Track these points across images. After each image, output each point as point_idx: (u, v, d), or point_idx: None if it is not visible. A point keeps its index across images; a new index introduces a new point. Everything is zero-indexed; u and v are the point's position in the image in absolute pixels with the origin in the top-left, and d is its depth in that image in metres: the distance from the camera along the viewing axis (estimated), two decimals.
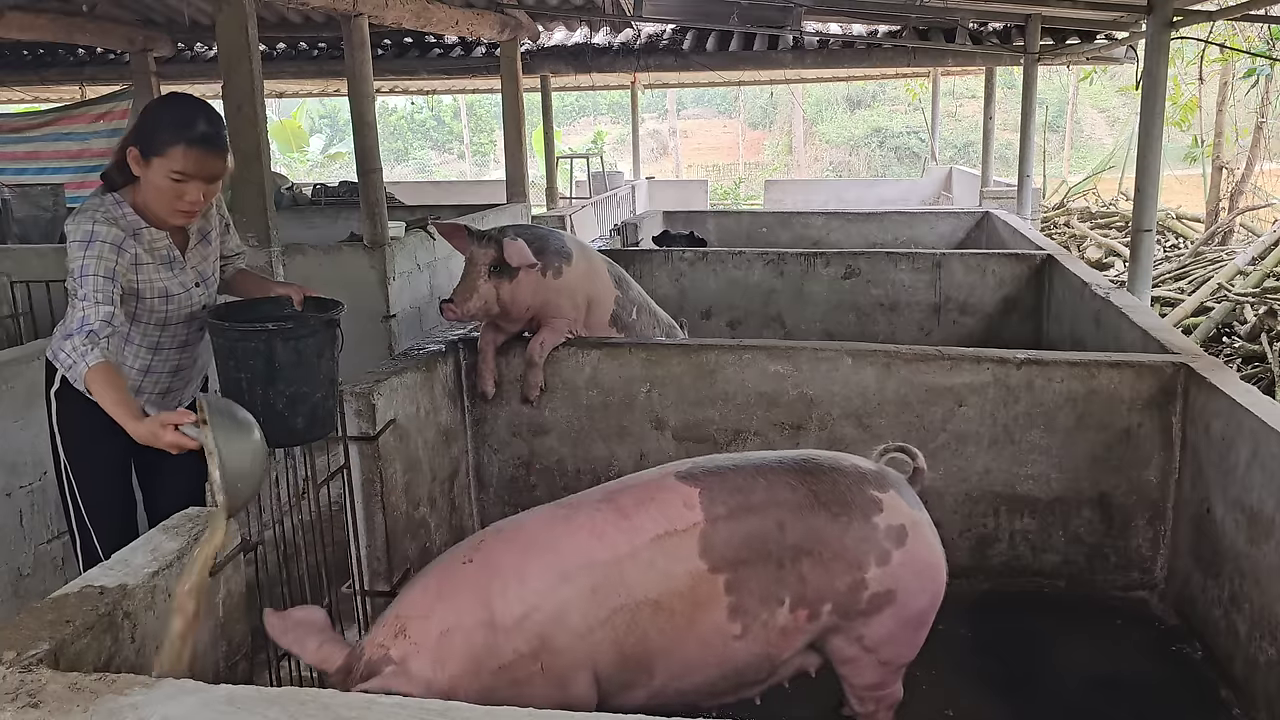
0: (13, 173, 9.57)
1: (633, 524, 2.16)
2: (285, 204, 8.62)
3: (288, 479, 2.69)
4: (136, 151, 2.37)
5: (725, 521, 2.17)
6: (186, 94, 2.58)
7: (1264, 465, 2.64)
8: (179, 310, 2.56)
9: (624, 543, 2.14)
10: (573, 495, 2.39)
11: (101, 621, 1.58)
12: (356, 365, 3.32)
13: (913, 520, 2.28)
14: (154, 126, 2.38)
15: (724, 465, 2.31)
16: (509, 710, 1.28)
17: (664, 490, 2.23)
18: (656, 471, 2.36)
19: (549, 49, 10.07)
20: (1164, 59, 4.52)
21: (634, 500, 2.22)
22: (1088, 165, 19.81)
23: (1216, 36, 9.36)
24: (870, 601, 2.22)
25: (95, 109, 9.97)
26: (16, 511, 3.17)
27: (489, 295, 3.29)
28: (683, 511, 2.18)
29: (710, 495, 2.21)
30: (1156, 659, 3.01)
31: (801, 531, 2.19)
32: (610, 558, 2.12)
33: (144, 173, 2.38)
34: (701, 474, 2.27)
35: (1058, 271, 5.32)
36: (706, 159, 27.48)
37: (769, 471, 2.27)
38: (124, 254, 2.38)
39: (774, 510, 2.20)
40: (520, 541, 2.18)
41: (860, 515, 2.22)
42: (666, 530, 2.15)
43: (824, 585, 2.19)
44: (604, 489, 2.34)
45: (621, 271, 3.90)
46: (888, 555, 2.22)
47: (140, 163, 2.37)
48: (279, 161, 22.05)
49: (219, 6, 4.31)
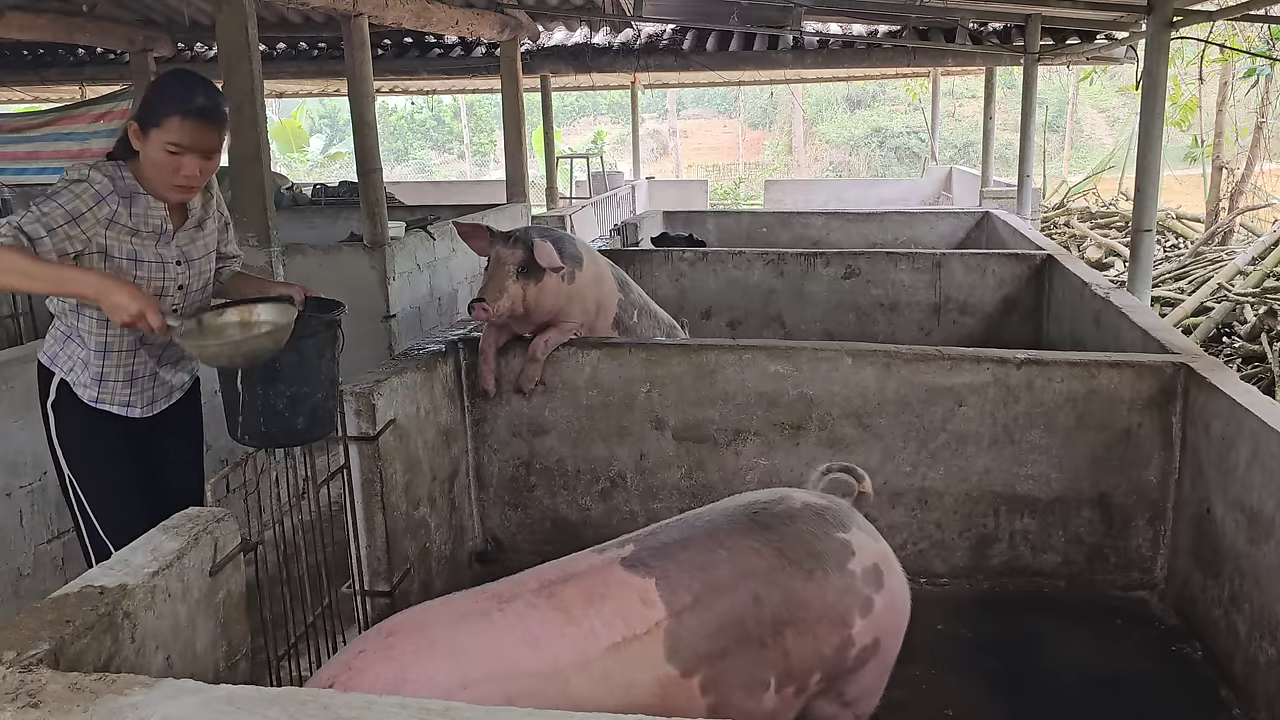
0: (13, 173, 9.57)
1: (581, 630, 1.81)
2: (285, 204, 8.62)
3: (288, 479, 2.69)
4: (136, 125, 2.38)
5: (693, 612, 1.87)
6: (188, 70, 2.59)
7: (1264, 465, 2.64)
8: (149, 280, 2.48)
9: (568, 650, 1.79)
10: (504, 580, 1.99)
11: (101, 621, 1.58)
12: (356, 365, 3.32)
13: (882, 555, 2.09)
14: (153, 99, 2.40)
15: (672, 540, 1.99)
16: (509, 710, 1.28)
17: (614, 584, 1.89)
18: (600, 557, 2.00)
19: (549, 49, 10.07)
20: (1164, 59, 4.52)
21: (581, 597, 1.86)
22: (1088, 165, 19.82)
23: (1216, 36, 9.36)
24: (857, 658, 2.02)
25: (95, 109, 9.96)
26: (16, 511, 3.17)
27: (516, 296, 3.28)
28: (641, 610, 1.85)
29: (669, 584, 1.88)
30: (1156, 659, 3.01)
31: (779, 600, 1.92)
32: (547, 667, 1.77)
33: (143, 146, 2.38)
34: (650, 557, 1.94)
35: (1058, 271, 5.32)
36: (706, 159, 27.48)
37: (724, 535, 1.98)
38: (102, 206, 2.34)
39: (745, 584, 1.91)
40: (413, 644, 1.79)
41: (835, 565, 1.99)
42: (624, 637, 1.81)
43: (811, 654, 1.96)
44: (540, 576, 1.96)
45: (623, 274, 3.91)
46: (870, 603, 2.01)
47: (139, 136, 2.38)
48: (279, 161, 22.05)
49: (219, 6, 4.31)
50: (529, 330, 3.54)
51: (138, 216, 2.43)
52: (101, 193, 2.34)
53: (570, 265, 3.45)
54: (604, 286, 3.69)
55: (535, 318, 3.44)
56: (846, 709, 2.12)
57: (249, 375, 2.40)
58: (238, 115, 4.29)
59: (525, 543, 3.71)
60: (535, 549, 3.65)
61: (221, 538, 1.92)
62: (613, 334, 3.74)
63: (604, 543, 2.08)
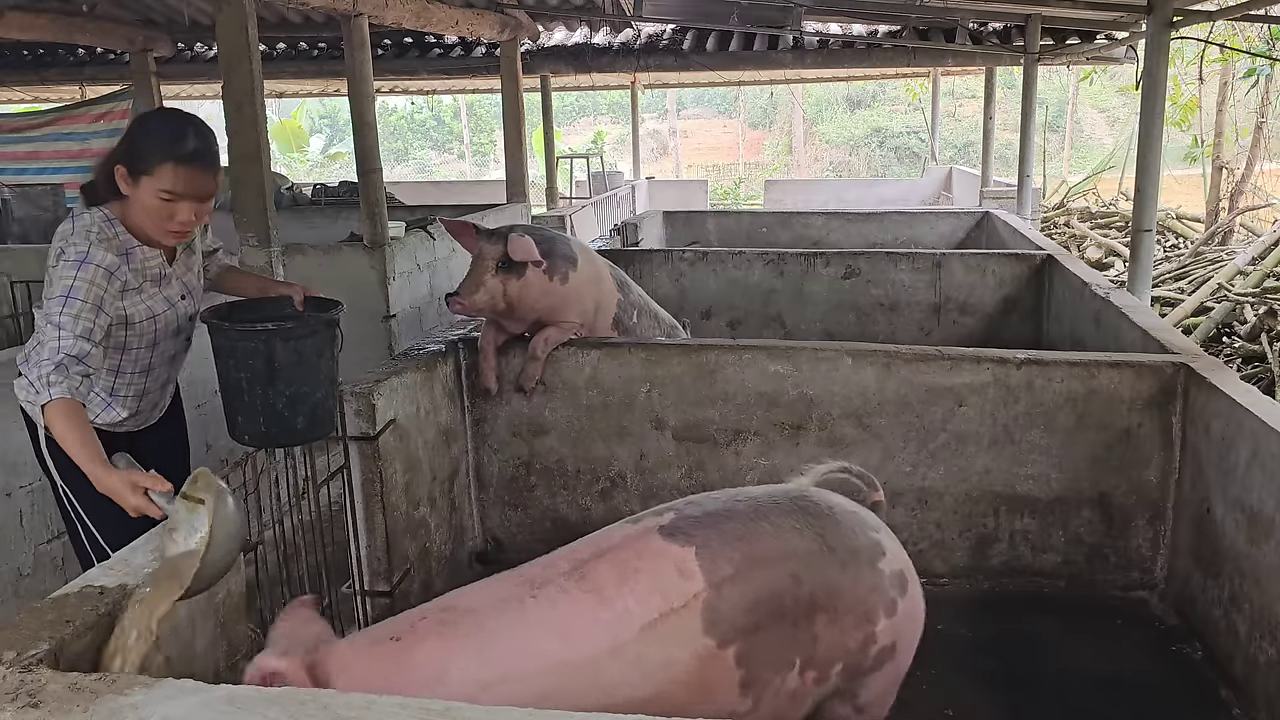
0: (13, 173, 9.57)
1: (614, 612, 1.78)
2: (285, 204, 8.62)
3: (288, 479, 2.69)
4: (124, 170, 2.27)
5: (732, 583, 1.84)
6: (173, 108, 2.51)
7: (1264, 465, 2.64)
8: (166, 328, 2.50)
9: (603, 638, 1.76)
10: (538, 562, 1.97)
11: (101, 621, 1.58)
12: (356, 365, 3.32)
13: (905, 563, 2.09)
14: (141, 144, 2.28)
15: (714, 509, 1.97)
16: (509, 710, 1.28)
17: (649, 556, 1.86)
18: (636, 527, 1.97)
19: (549, 49, 10.07)
20: (1164, 59, 4.52)
21: (614, 575, 1.83)
22: (1088, 165, 19.81)
23: (1216, 36, 9.36)
24: (876, 658, 2.01)
25: (95, 109, 9.96)
26: (16, 511, 3.17)
27: (495, 290, 3.29)
28: (678, 583, 1.82)
29: (709, 553, 1.86)
30: (1156, 659, 3.01)
31: (816, 584, 1.91)
32: (583, 657, 1.74)
33: (133, 192, 2.28)
34: (691, 526, 1.91)
35: (1058, 271, 5.32)
36: (706, 159, 27.47)
37: (768, 513, 1.97)
38: (114, 282, 2.27)
39: (786, 562, 1.90)
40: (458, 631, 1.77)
41: (868, 562, 1.99)
42: (661, 613, 1.79)
43: (837, 644, 1.94)
44: (572, 555, 1.93)
45: (623, 275, 3.91)
46: (894, 605, 2.01)
47: (128, 181, 2.27)
48: (279, 161, 22.05)
49: (219, 6, 4.31)
50: (521, 329, 3.54)
51: (137, 271, 2.38)
52: (110, 269, 2.26)
53: (564, 266, 3.45)
54: (602, 287, 3.69)
55: (521, 314, 3.43)
56: (859, 714, 2.11)
57: (249, 376, 2.40)
58: (238, 115, 4.29)
59: (525, 543, 3.71)
60: (535, 549, 3.64)
61: None
62: (612, 334, 3.74)
63: (640, 512, 2.07)
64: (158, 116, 2.45)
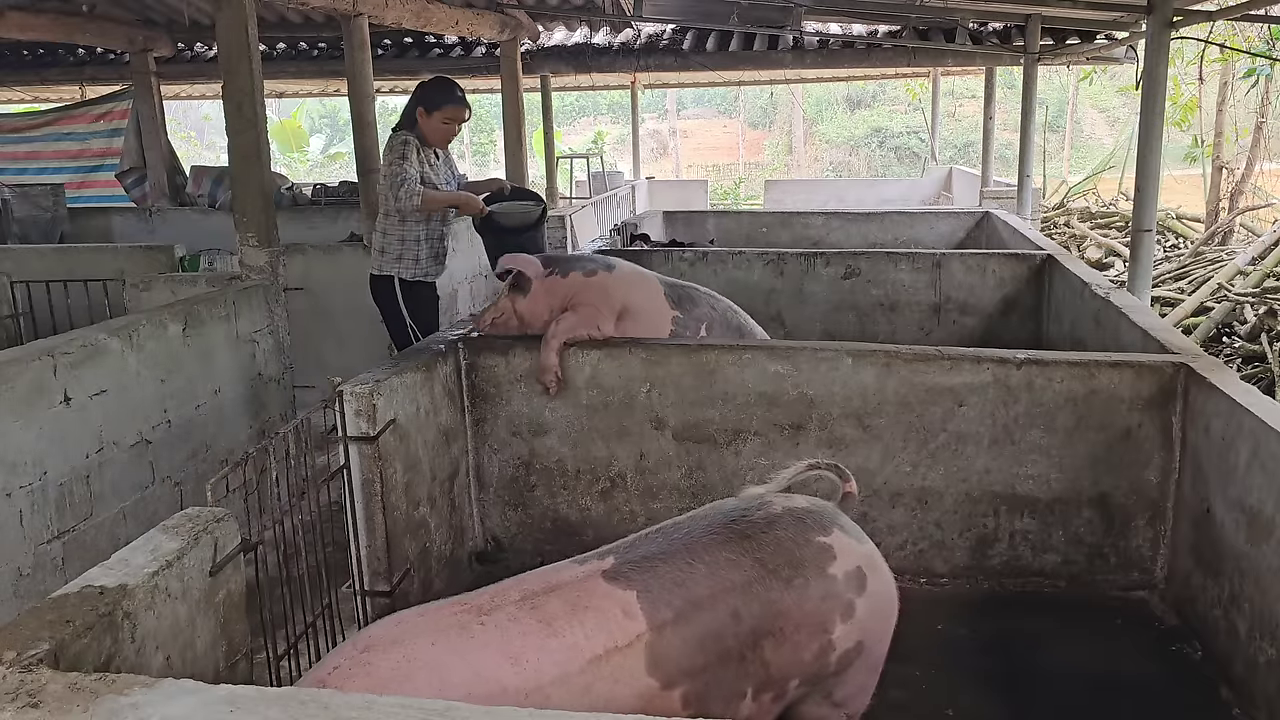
0: (13, 173, 9.58)
1: (563, 642, 1.81)
2: (285, 204, 8.61)
3: (288, 479, 2.69)
4: (423, 109, 4.25)
5: (673, 628, 1.87)
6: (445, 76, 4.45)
7: (1264, 465, 2.64)
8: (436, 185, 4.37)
9: (550, 666, 1.78)
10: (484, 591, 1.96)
11: (101, 621, 1.58)
12: (357, 365, 3.32)
13: (865, 557, 2.08)
14: (433, 94, 4.26)
15: (652, 552, 1.99)
16: (509, 710, 1.28)
17: (598, 596, 1.88)
18: (582, 569, 1.98)
19: (549, 49, 10.07)
20: (1164, 59, 4.52)
21: (564, 608, 1.86)
22: (1088, 165, 19.82)
23: (1216, 36, 9.36)
24: (840, 661, 2.03)
25: (95, 109, 9.97)
26: (16, 511, 3.16)
27: (505, 308, 3.59)
28: (623, 622, 1.85)
29: (650, 598, 1.89)
30: (1156, 659, 3.01)
31: (758, 613, 1.93)
32: (529, 685, 1.76)
33: (426, 121, 4.27)
34: (631, 570, 1.94)
35: (1058, 271, 5.32)
36: (706, 159, 27.47)
37: (703, 549, 1.98)
38: (416, 154, 4.24)
39: (723, 599, 1.92)
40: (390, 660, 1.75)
41: (815, 572, 1.99)
42: (607, 649, 1.81)
43: (789, 662, 1.97)
44: (521, 586, 1.95)
45: (690, 292, 3.83)
46: (851, 607, 2.01)
47: (425, 116, 4.26)
48: (279, 161, 22.03)
49: (219, 6, 4.31)
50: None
51: (425, 159, 4.32)
52: (417, 147, 4.26)
53: (571, 269, 3.58)
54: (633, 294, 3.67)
55: (536, 326, 3.58)
56: (837, 709, 2.12)
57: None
58: (238, 115, 4.29)
59: (525, 543, 3.72)
60: (535, 549, 3.65)
61: (221, 538, 1.92)
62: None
63: (583, 554, 2.08)
64: (436, 79, 4.35)
